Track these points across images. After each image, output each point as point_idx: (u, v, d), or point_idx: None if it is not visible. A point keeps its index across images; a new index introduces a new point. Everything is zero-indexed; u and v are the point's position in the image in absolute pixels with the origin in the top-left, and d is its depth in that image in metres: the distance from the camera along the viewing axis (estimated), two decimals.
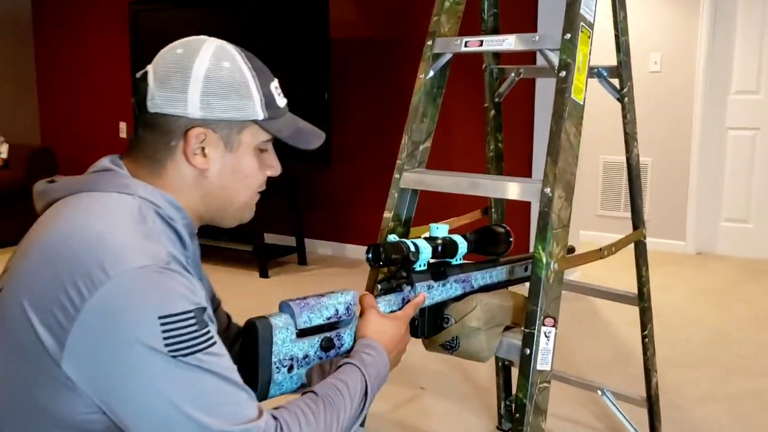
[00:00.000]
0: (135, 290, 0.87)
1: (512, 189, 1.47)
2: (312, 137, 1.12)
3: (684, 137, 4.68)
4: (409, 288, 1.28)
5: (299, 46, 4.09)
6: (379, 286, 1.25)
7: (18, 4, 5.81)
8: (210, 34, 1.06)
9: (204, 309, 0.91)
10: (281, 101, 1.09)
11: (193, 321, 0.88)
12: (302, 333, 1.10)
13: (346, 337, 1.16)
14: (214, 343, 0.91)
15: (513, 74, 1.86)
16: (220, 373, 0.89)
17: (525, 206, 3.77)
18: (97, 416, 0.90)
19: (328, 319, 1.12)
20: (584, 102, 1.45)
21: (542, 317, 1.37)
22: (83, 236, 0.91)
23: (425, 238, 1.31)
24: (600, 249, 1.55)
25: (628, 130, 1.71)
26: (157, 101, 1.00)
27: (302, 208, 4.48)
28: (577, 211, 4.00)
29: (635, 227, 1.78)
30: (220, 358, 0.91)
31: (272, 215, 4.40)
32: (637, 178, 1.76)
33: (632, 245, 1.78)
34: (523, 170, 3.76)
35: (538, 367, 1.37)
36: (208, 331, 0.90)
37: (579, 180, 1.61)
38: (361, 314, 1.20)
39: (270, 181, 1.13)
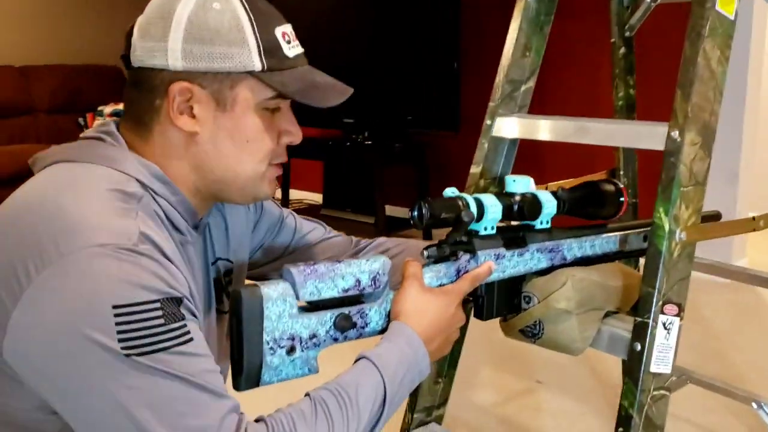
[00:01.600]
0: (87, 273, 0.71)
1: (628, 133, 1.13)
2: (330, 93, 0.90)
3: None
4: (468, 257, 0.99)
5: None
6: (426, 253, 0.96)
7: None
8: None
9: (179, 300, 0.76)
10: (291, 50, 0.87)
11: (157, 314, 0.72)
12: (310, 307, 0.85)
13: (373, 314, 0.90)
14: (189, 341, 0.74)
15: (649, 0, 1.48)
16: (187, 378, 0.72)
17: None
18: (47, 416, 0.77)
19: (346, 291, 0.87)
20: (736, 17, 1.07)
21: (661, 303, 1.02)
22: (42, 208, 0.76)
23: (497, 194, 1.01)
24: (753, 218, 1.16)
25: None
26: (139, 53, 0.85)
27: (429, 179, 4.19)
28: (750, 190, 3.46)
29: None
30: (193, 358, 0.73)
31: (397, 186, 4.16)
32: None
33: None
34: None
35: (653, 369, 1.02)
36: (182, 327, 0.74)
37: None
38: (401, 286, 0.93)
39: (395, 149, 0.91)
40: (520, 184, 1.04)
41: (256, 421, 0.76)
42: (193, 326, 0.76)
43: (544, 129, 1.25)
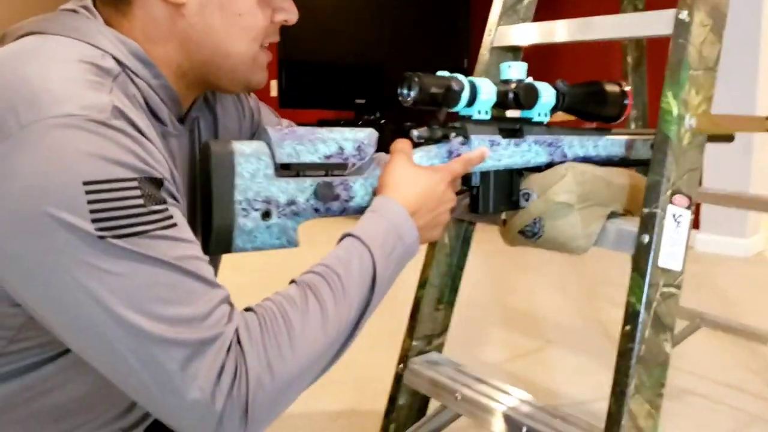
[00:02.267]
0: (52, 146, 0.62)
1: (633, 22, 1.06)
2: None
3: None
4: (460, 139, 0.93)
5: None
6: (415, 133, 0.90)
7: None
8: None
9: (159, 181, 0.67)
10: None
11: (135, 193, 0.64)
12: (287, 171, 0.80)
13: (357, 187, 0.84)
14: (172, 225, 0.66)
15: None
16: (173, 262, 0.64)
17: None
18: (8, 308, 0.68)
19: (327, 157, 0.82)
20: None
21: (669, 192, 0.95)
22: (2, 77, 0.67)
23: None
24: (767, 118, 1.10)
25: None
26: None
27: None
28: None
29: None
30: (179, 243, 0.65)
31: None
32: None
33: None
34: None
35: (661, 264, 0.96)
36: (163, 210, 0.66)
37: None
38: (388, 160, 0.88)
39: (408, 130, 0.86)
40: (515, 70, 0.98)
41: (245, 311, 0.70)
42: (176, 211, 0.68)
43: (547, 31, 1.19)
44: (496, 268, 2.96)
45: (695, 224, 3.29)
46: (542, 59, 1.31)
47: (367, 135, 0.85)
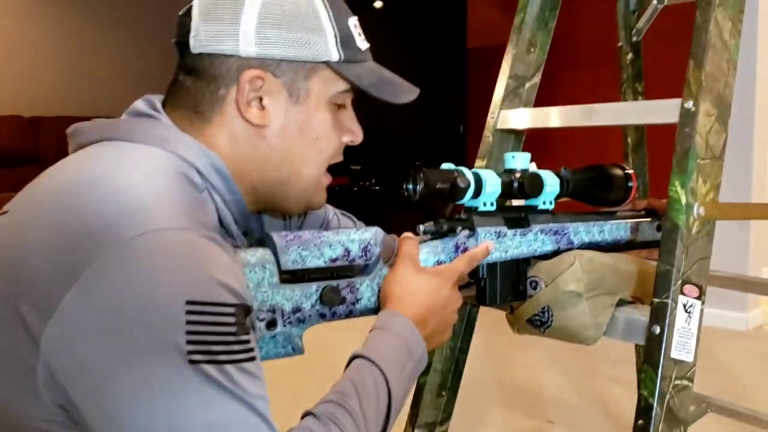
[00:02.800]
0: (161, 257, 0.61)
1: (638, 110, 1.07)
2: (402, 89, 0.83)
3: None
4: (466, 233, 0.92)
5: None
6: (422, 228, 0.89)
7: None
8: None
9: (249, 309, 0.66)
10: (362, 43, 0.81)
11: (230, 320, 0.62)
12: (293, 277, 0.78)
13: (363, 288, 0.83)
14: (253, 359, 0.64)
15: (655, 1, 1.45)
16: (249, 402, 0.62)
17: None
18: (61, 429, 0.65)
19: (333, 261, 0.80)
20: None
21: (680, 282, 0.94)
22: (110, 183, 0.66)
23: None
24: None
25: None
26: (202, 38, 0.76)
27: None
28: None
29: None
30: (255, 380, 0.64)
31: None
32: None
33: None
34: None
35: (674, 355, 0.93)
36: (249, 341, 0.64)
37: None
38: (393, 264, 0.86)
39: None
40: (520, 160, 0.98)
41: None
42: (255, 343, 0.66)
43: (551, 116, 1.20)
44: (494, 343, 2.91)
45: None
46: (542, 137, 1.31)
47: (373, 234, 0.84)
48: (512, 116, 1.26)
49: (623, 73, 1.53)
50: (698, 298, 0.96)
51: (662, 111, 1.03)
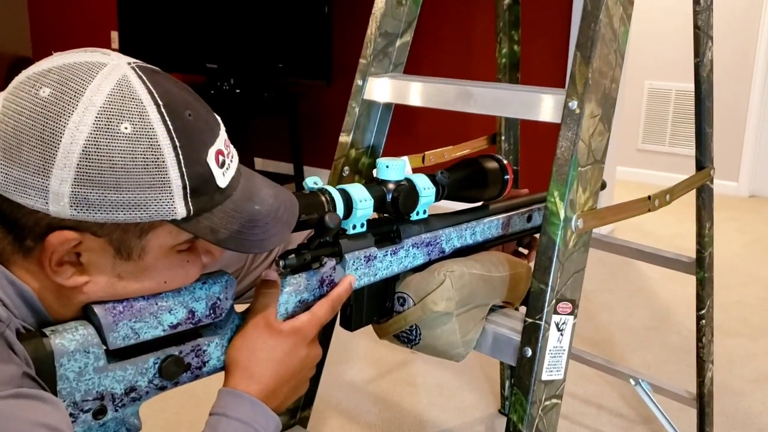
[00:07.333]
0: None
1: (518, 102, 0.97)
2: (272, 228, 0.67)
3: (746, 66, 4.04)
4: (333, 263, 0.81)
5: None
6: (282, 263, 0.77)
7: None
8: None
9: None
10: (225, 175, 0.63)
11: None
12: (124, 353, 0.64)
13: (213, 349, 0.71)
14: None
15: None
16: None
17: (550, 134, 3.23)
18: None
19: (174, 327, 0.67)
20: None
21: (554, 301, 0.88)
22: None
23: (367, 184, 0.84)
24: (649, 197, 1.05)
25: (700, 23, 1.17)
26: (1, 179, 0.58)
27: (301, 130, 3.95)
28: (615, 144, 3.49)
29: (700, 166, 1.26)
30: None
31: (266, 139, 3.90)
32: (707, 97, 1.22)
33: (693, 191, 1.27)
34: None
35: (544, 377, 0.89)
36: None
37: (619, 106, 1.11)
38: (244, 320, 0.74)
39: (265, 100, 0.66)
40: (394, 170, 0.86)
41: None
42: None
43: (423, 94, 1.07)
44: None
45: None
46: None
47: (223, 286, 0.71)
48: (379, 87, 1.12)
49: (499, 21, 1.41)
50: (571, 313, 0.91)
51: (545, 107, 0.93)
